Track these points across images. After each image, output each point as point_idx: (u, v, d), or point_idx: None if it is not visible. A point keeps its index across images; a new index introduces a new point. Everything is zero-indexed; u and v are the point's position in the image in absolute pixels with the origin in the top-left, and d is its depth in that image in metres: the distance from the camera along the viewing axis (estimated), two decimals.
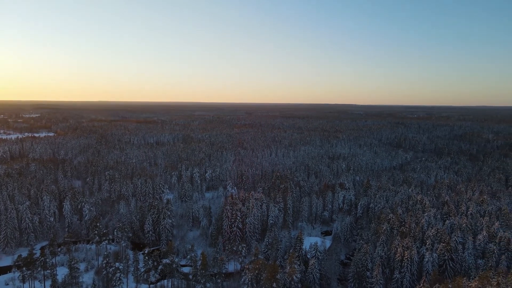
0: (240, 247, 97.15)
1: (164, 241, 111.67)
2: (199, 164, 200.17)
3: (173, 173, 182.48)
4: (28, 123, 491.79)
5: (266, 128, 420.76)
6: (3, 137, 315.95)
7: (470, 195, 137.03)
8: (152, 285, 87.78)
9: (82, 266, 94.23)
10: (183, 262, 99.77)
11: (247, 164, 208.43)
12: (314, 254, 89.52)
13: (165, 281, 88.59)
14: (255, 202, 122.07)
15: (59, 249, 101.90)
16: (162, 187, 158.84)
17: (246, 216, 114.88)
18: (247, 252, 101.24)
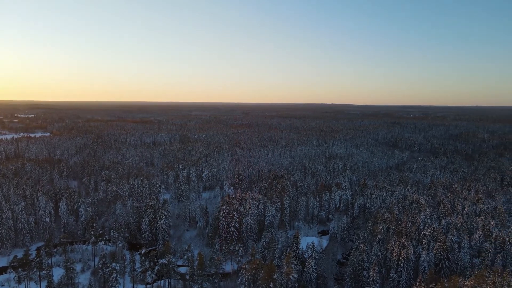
0: (237, 247, 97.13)
1: (161, 241, 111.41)
2: (196, 164, 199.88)
3: (170, 173, 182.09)
4: (24, 123, 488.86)
5: (263, 128, 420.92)
6: None
7: (466, 195, 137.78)
8: (149, 286, 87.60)
9: (78, 267, 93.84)
10: (180, 262, 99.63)
11: (244, 164, 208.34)
12: (311, 254, 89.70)
13: (162, 282, 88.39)
14: (252, 202, 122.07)
15: (55, 250, 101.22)
16: (159, 187, 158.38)
17: (243, 216, 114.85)
18: (244, 252, 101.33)
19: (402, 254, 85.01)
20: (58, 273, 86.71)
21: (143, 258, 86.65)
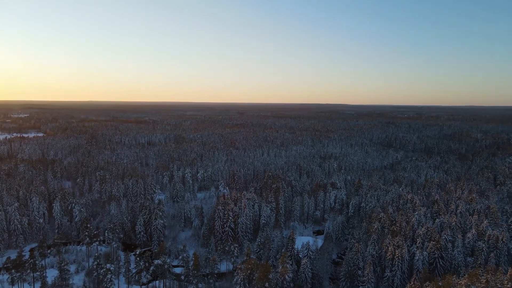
0: (232, 247, 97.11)
1: (156, 242, 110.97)
2: (191, 164, 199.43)
3: (165, 174, 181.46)
4: (17, 123, 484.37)
5: (258, 128, 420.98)
6: None
7: (460, 194, 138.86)
8: (144, 286, 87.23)
9: (73, 268, 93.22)
10: (175, 263, 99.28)
11: (239, 164, 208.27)
12: (306, 254, 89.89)
13: (157, 282, 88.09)
14: (247, 202, 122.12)
15: (49, 251, 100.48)
16: (154, 188, 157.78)
17: (238, 216, 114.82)
18: (239, 252, 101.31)
19: (397, 253, 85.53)
20: (52, 274, 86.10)
21: (138, 259, 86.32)
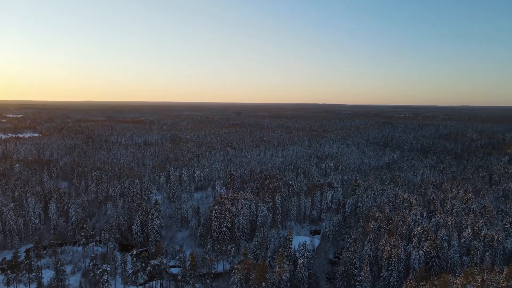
0: (229, 247, 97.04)
1: (153, 242, 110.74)
2: (188, 164, 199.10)
3: (162, 174, 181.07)
4: (12, 123, 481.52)
5: (255, 128, 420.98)
6: None
7: (455, 193, 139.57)
8: (140, 287, 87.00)
9: (69, 269, 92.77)
10: (172, 263, 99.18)
11: (236, 164, 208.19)
12: (303, 253, 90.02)
13: (154, 283, 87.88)
14: (244, 202, 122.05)
15: (45, 252, 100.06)
16: (150, 188, 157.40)
17: (235, 216, 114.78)
18: (236, 252, 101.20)
19: (393, 253, 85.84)
20: (48, 275, 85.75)
21: (135, 259, 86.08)
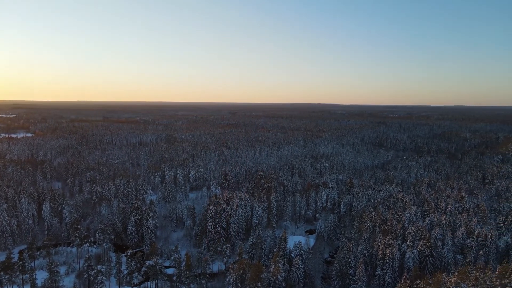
0: (225, 247, 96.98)
1: (148, 243, 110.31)
2: (183, 165, 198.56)
3: (156, 174, 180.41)
4: (5, 123, 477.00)
5: (250, 128, 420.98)
6: None
7: (449, 193, 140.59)
8: (135, 287, 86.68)
9: (63, 270, 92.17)
10: (167, 263, 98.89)
11: (231, 164, 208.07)
12: (298, 253, 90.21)
13: (149, 283, 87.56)
14: (239, 202, 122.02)
15: (38, 253, 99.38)
16: (145, 188, 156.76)
17: (230, 216, 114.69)
18: (232, 252, 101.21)
19: (388, 252, 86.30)
20: (42, 276, 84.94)
21: (130, 260, 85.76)
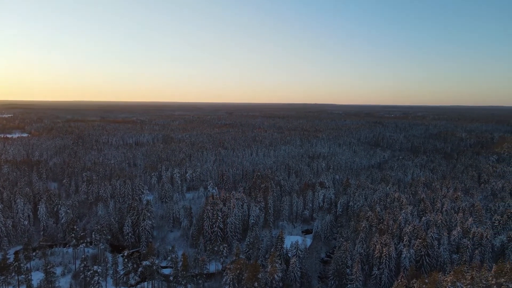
0: (222, 247, 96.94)
1: (144, 243, 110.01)
2: (180, 165, 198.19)
3: (153, 174, 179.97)
4: (0, 124, 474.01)
5: (247, 128, 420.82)
6: None
7: (445, 192, 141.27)
8: None
9: (59, 270, 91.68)
10: (164, 264, 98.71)
11: (228, 164, 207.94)
12: (295, 253, 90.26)
13: (145, 284, 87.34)
14: (236, 202, 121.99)
15: (34, 254, 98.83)
16: (142, 188, 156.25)
17: (227, 216, 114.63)
18: (229, 252, 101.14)
19: (384, 251, 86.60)
20: (38, 277, 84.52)
21: (126, 260, 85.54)
